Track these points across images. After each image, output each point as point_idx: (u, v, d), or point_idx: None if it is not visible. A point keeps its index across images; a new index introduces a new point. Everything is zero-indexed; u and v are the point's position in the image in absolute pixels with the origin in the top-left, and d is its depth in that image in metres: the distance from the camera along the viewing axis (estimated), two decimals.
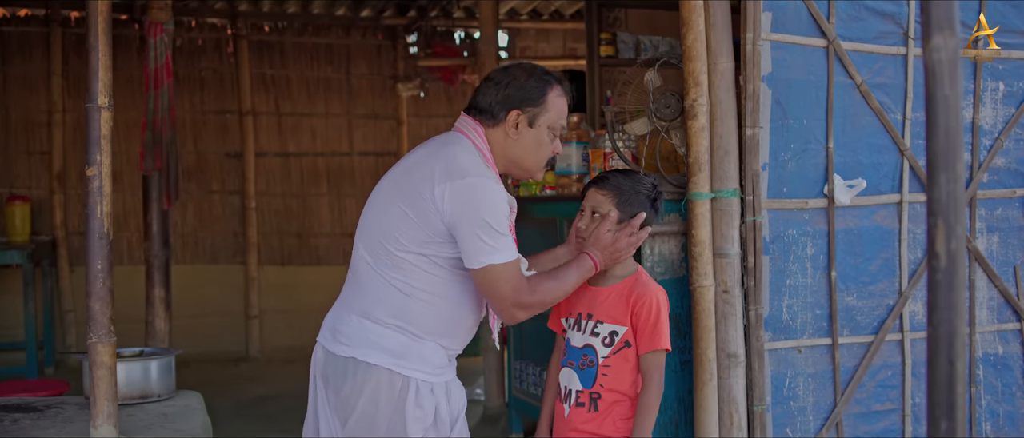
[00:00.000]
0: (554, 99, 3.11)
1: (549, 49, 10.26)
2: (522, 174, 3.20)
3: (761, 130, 4.18)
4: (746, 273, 4.18)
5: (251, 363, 9.03)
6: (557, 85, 3.13)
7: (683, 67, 4.24)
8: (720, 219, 4.17)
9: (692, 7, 4.17)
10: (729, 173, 4.17)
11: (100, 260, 3.59)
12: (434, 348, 3.02)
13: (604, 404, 3.36)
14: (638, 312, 3.34)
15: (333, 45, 9.63)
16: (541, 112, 3.08)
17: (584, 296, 3.43)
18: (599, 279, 3.41)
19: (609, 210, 3.35)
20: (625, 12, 7.36)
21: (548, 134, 3.11)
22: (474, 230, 2.90)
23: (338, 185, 9.54)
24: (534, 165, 3.16)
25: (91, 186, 3.60)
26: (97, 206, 3.59)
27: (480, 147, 3.08)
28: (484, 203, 2.91)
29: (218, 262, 9.28)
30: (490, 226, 2.90)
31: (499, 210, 2.92)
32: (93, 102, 3.61)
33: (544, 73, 3.14)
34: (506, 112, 3.08)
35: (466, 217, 2.91)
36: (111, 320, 3.63)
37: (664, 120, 4.40)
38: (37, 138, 8.77)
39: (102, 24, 3.63)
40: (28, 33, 8.74)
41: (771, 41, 4.18)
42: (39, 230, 8.56)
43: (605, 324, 3.38)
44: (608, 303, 3.39)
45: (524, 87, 3.08)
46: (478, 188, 2.92)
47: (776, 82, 4.19)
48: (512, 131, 3.08)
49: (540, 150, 3.13)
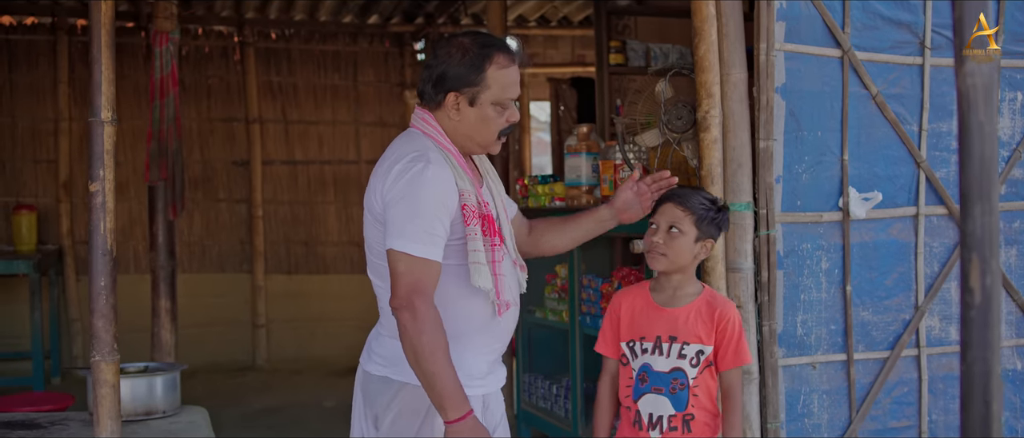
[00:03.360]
0: (495, 73, 2.96)
1: (557, 55, 10.20)
2: (477, 150, 3.08)
3: (775, 142, 4.11)
4: (760, 288, 4.10)
5: (258, 373, 8.98)
6: (497, 55, 2.97)
7: (695, 78, 4.17)
8: (733, 233, 4.10)
9: (704, 17, 4.10)
10: (742, 186, 4.10)
11: (103, 276, 3.54)
12: (462, 355, 2.92)
13: (697, 425, 3.33)
14: (723, 329, 3.34)
15: (340, 52, 9.58)
16: (481, 91, 2.96)
17: (659, 319, 3.38)
18: (670, 300, 3.38)
19: (688, 229, 3.32)
20: (634, 20, 7.30)
21: (494, 110, 2.99)
22: (391, 208, 2.84)
23: (345, 193, 9.48)
24: (484, 141, 3.04)
25: (94, 202, 3.55)
26: (100, 222, 3.54)
27: (431, 133, 3.01)
28: (408, 184, 2.83)
29: (225, 271, 9.24)
30: (407, 208, 2.81)
31: (427, 194, 2.82)
32: (96, 117, 3.56)
33: (481, 46, 2.97)
34: (443, 95, 2.98)
35: (389, 196, 2.85)
36: (115, 337, 3.58)
37: (676, 132, 4.34)
38: (44, 147, 8.73)
39: (105, 36, 3.58)
40: (35, 41, 8.71)
41: (785, 51, 4.11)
42: (45, 239, 8.51)
43: (692, 345, 3.34)
44: (690, 323, 3.35)
45: (458, 69, 2.96)
46: (405, 170, 2.85)
47: (790, 93, 4.12)
48: (454, 113, 2.99)
49: (487, 126, 3.01)
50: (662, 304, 3.39)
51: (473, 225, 2.92)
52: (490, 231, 2.97)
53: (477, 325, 2.99)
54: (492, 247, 2.97)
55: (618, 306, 3.51)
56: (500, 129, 3.04)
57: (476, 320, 2.98)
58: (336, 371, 8.67)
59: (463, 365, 2.90)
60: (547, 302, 5.50)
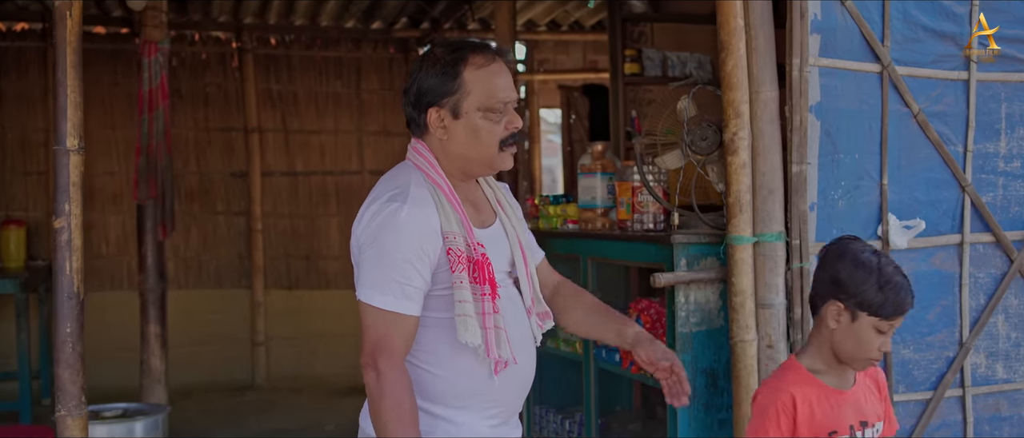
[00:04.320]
0: (473, 75, 2.61)
1: (569, 61, 9.90)
2: (482, 168, 2.71)
3: (809, 165, 3.82)
4: (792, 325, 3.82)
5: (257, 392, 8.67)
6: (472, 55, 2.63)
7: (722, 95, 3.84)
8: (763, 265, 3.80)
9: (732, 30, 3.77)
10: (773, 214, 3.80)
11: (70, 322, 3.22)
12: (461, 417, 2.61)
13: None
14: (884, 396, 2.93)
15: (343, 59, 9.25)
16: (461, 97, 2.61)
17: (843, 406, 2.81)
18: (843, 380, 2.84)
19: None
20: (651, 27, 6.95)
21: (483, 117, 2.63)
22: (362, 254, 2.54)
23: (348, 205, 9.15)
24: (483, 156, 2.66)
25: (59, 239, 3.22)
26: (66, 261, 3.21)
27: (421, 164, 2.67)
28: (380, 227, 2.51)
29: (222, 286, 8.91)
30: (377, 254, 2.49)
31: (400, 239, 2.49)
32: (61, 145, 3.23)
33: (453, 51, 2.64)
34: (424, 116, 2.64)
35: (361, 240, 2.54)
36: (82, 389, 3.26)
37: (700, 153, 4.01)
38: (34, 158, 8.42)
39: (70, 55, 3.24)
40: (24, 48, 8.39)
41: (820, 67, 3.82)
42: (36, 254, 8.19)
43: (878, 423, 2.87)
44: (868, 400, 2.87)
45: (432, 80, 2.62)
46: (379, 211, 2.53)
47: (825, 112, 3.83)
48: (440, 132, 2.64)
49: (480, 137, 2.63)
50: (838, 387, 2.84)
51: (458, 272, 2.57)
52: (480, 278, 2.61)
53: (473, 385, 2.63)
54: (482, 296, 2.60)
55: (790, 403, 2.82)
56: (500, 138, 2.66)
57: (472, 379, 2.62)
58: (338, 391, 8.41)
59: (462, 428, 2.60)
60: (558, 331, 5.16)
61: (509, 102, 2.67)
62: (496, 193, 2.85)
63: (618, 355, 4.50)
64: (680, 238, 3.98)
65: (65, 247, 3.18)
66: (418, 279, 2.52)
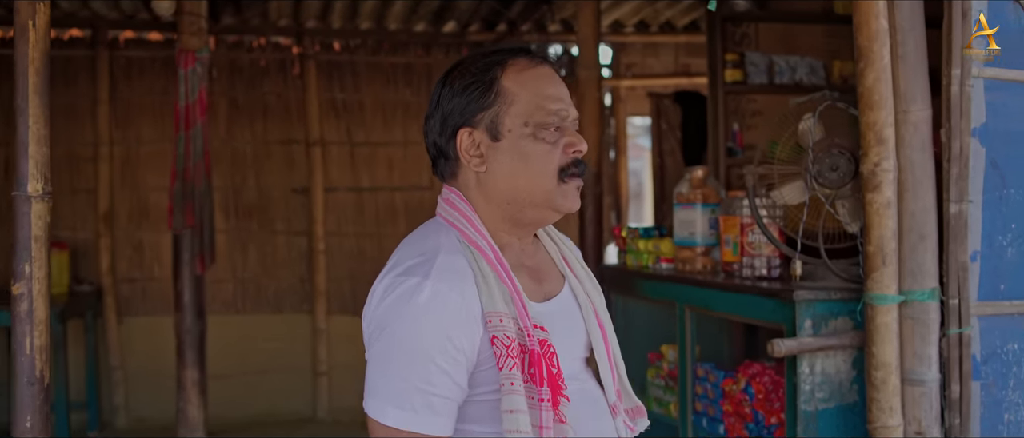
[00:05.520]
0: (514, 80, 1.92)
1: (658, 65, 9.14)
2: (538, 213, 1.97)
3: (971, 204, 3.07)
4: (948, 407, 3.06)
5: (318, 425, 8.07)
6: (511, 59, 1.96)
7: (859, 115, 3.06)
8: (912, 331, 3.05)
9: (873, 33, 2.99)
10: (925, 266, 3.05)
11: (30, 414, 2.54)
12: None
13: None
14: None
15: (412, 64, 8.57)
16: (500, 110, 1.91)
17: None
18: None
19: None
20: (755, 27, 6.13)
21: (531, 135, 1.91)
22: (369, 348, 1.87)
23: (418, 223, 8.34)
24: (537, 190, 1.93)
25: (17, 309, 2.55)
26: (25, 338, 2.54)
27: (455, 219, 1.98)
28: (391, 311, 1.83)
29: (282, 311, 8.28)
30: (387, 349, 1.82)
31: (419, 329, 1.80)
32: (20, 190, 2.56)
33: (485, 56, 1.97)
34: (453, 142, 1.95)
35: (370, 328, 1.89)
36: None
37: (828, 187, 3.23)
38: (82, 175, 7.87)
39: (33, 75, 2.57)
40: (72, 57, 7.84)
41: (985, 79, 3.07)
42: (82, 277, 7.65)
43: None
44: None
45: (460, 97, 1.94)
46: (392, 288, 1.85)
47: (992, 136, 3.09)
48: (476, 163, 1.94)
49: (530, 164, 1.92)
50: None
51: (508, 370, 1.84)
52: (537, 378, 1.86)
53: None
54: (539, 403, 1.85)
55: None
56: (559, 165, 1.93)
57: None
58: None
59: None
60: (651, 389, 4.40)
61: (566, 117, 1.93)
62: (562, 248, 2.12)
63: (723, 427, 3.73)
64: (804, 294, 3.21)
65: (25, 319, 2.52)
66: (447, 385, 1.82)
